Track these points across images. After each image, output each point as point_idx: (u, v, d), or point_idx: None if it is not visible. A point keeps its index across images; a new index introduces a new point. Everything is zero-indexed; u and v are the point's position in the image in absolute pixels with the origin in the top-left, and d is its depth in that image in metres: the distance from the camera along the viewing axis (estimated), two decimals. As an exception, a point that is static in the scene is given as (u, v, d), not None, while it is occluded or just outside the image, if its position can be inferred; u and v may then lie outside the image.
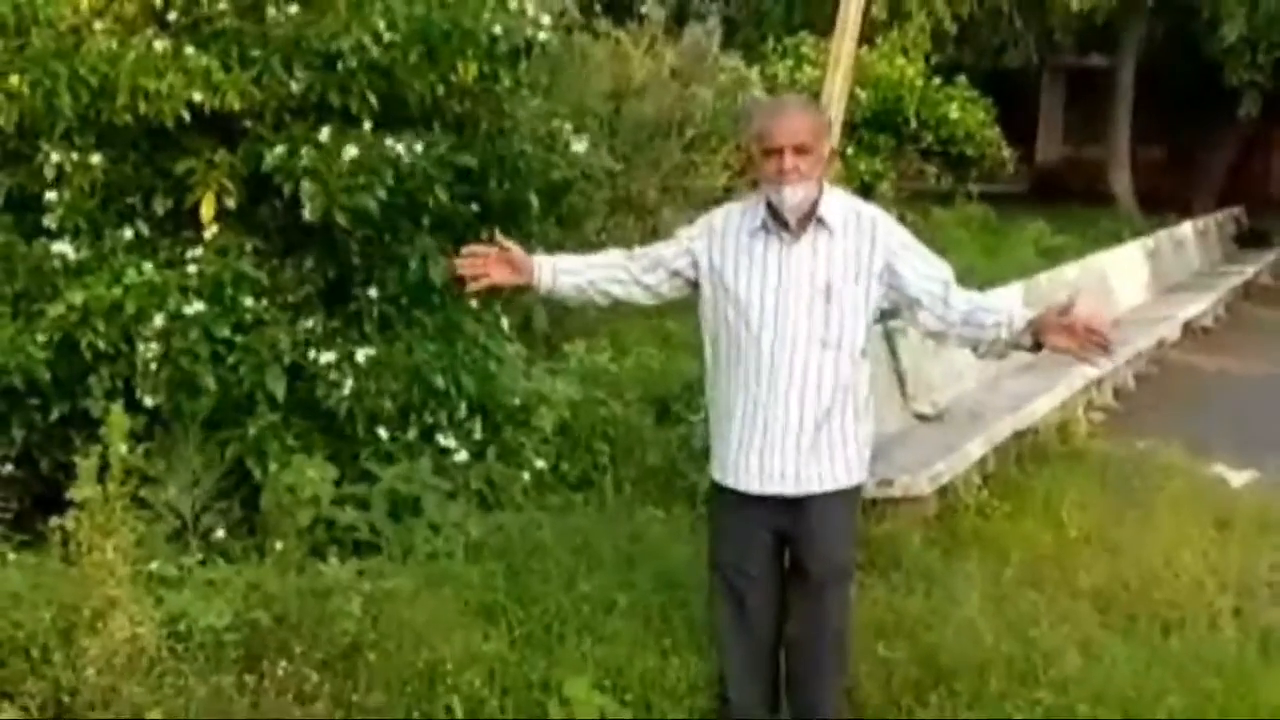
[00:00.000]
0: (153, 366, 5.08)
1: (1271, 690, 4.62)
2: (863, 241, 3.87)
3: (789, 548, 4.04)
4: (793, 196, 3.78)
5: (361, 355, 5.45)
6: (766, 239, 3.87)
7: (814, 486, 3.91)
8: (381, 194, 5.34)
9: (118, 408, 4.34)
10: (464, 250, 4.09)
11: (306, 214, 5.29)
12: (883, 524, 5.91)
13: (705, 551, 4.33)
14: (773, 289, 3.84)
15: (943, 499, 6.47)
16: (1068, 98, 27.23)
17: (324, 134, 5.39)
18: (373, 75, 5.47)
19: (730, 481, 3.98)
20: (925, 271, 3.92)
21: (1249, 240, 19.22)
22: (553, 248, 7.34)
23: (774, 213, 3.84)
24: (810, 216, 3.85)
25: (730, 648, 4.15)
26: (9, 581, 4.26)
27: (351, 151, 5.31)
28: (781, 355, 3.83)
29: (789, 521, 3.96)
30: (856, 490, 4.09)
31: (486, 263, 4.05)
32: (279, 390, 5.29)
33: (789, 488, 3.90)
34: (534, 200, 6.35)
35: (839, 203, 3.94)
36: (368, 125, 5.50)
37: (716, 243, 3.95)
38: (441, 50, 5.62)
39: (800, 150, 3.77)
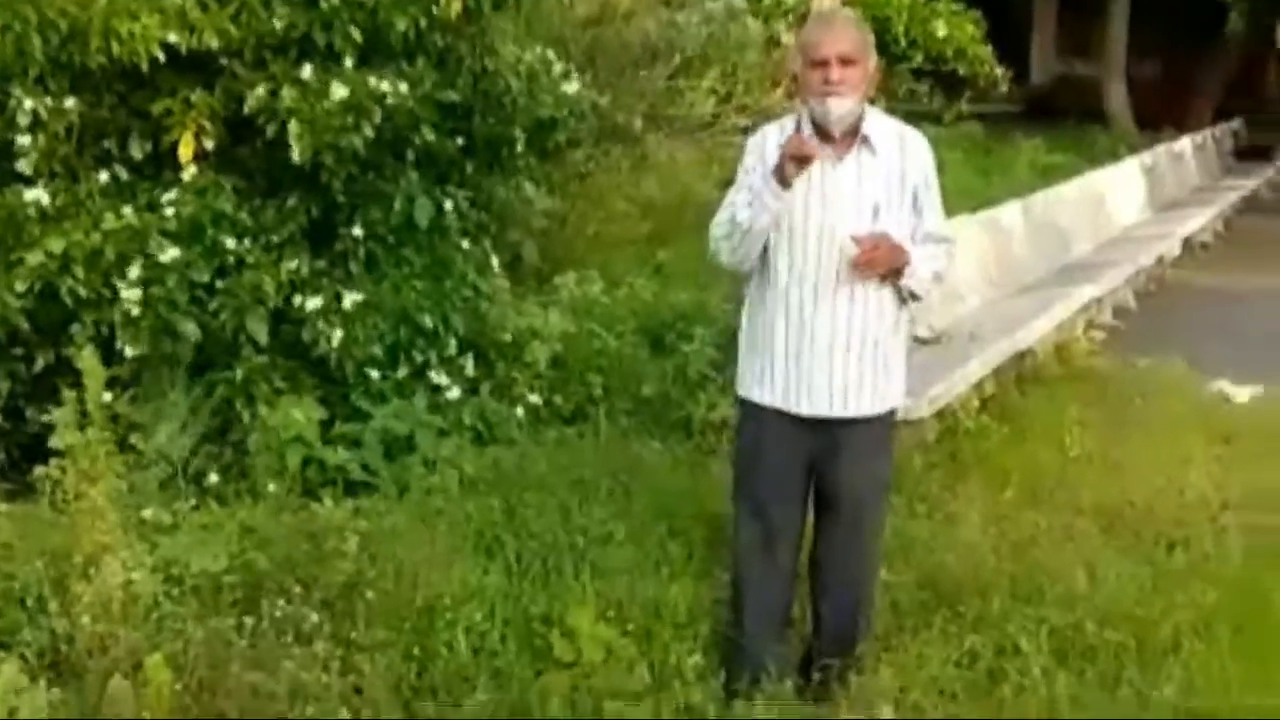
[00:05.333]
0: (133, 314, 5.01)
1: (1280, 601, 4.60)
2: (906, 163, 3.87)
3: (824, 474, 4.01)
4: (838, 108, 3.73)
5: (349, 301, 5.40)
6: None
7: (860, 409, 3.90)
8: (369, 133, 5.25)
9: (89, 352, 4.27)
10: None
11: (295, 156, 5.20)
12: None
13: (720, 479, 4.29)
14: (818, 207, 3.80)
15: (942, 422, 6.44)
16: (1060, 15, 26.98)
17: (306, 72, 5.30)
18: (355, 10, 5.36)
19: (774, 403, 3.94)
20: (933, 222, 3.95)
21: (1248, 154, 19.13)
22: (539, 180, 7.32)
23: (818, 128, 3.80)
24: (855, 134, 3.81)
25: (751, 574, 4.13)
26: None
27: (341, 92, 5.22)
28: (828, 273, 3.80)
29: (827, 445, 3.94)
30: (894, 414, 4.12)
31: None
32: (261, 334, 5.24)
33: (836, 409, 3.88)
34: (519, 136, 6.26)
35: (883, 122, 3.92)
36: (350, 62, 5.39)
37: (770, 165, 3.85)
38: (425, -16, 5.52)
39: (846, 62, 3.73)
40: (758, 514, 4.06)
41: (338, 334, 5.35)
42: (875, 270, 3.76)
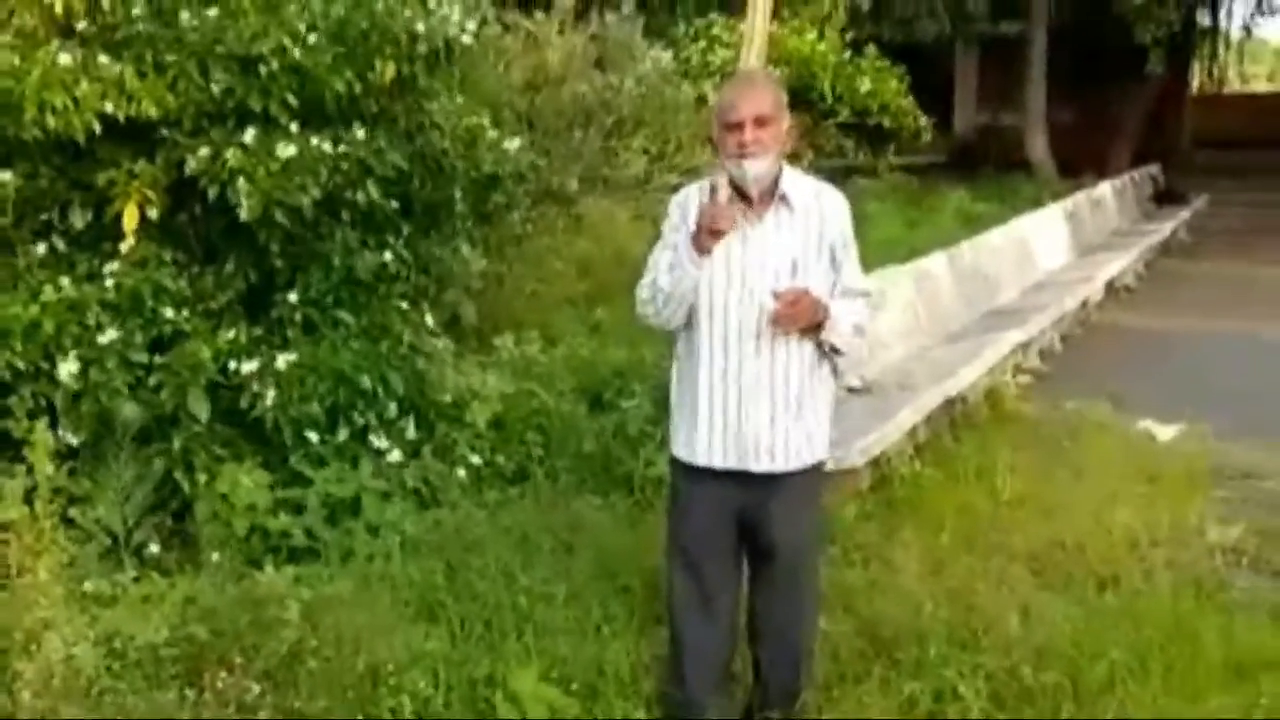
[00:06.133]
0: (74, 395, 5.00)
1: (1209, 637, 4.70)
2: (824, 219, 3.92)
3: (756, 530, 4.04)
4: (754, 168, 3.78)
5: (282, 362, 5.39)
6: None
7: (785, 464, 3.94)
8: (315, 192, 5.30)
9: (41, 427, 4.27)
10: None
11: (243, 214, 5.21)
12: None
13: (660, 534, 4.31)
14: (739, 266, 3.85)
15: (876, 470, 6.52)
16: (982, 67, 27.51)
17: (249, 136, 5.33)
18: (292, 76, 5.41)
19: (701, 460, 3.98)
20: (851, 277, 4.00)
21: (1166, 198, 19.51)
22: (476, 241, 7.38)
23: (736, 188, 3.84)
24: (773, 193, 3.88)
25: (689, 630, 4.14)
26: (-61, 609, 4.19)
27: (289, 150, 5.26)
28: (750, 331, 3.86)
29: (757, 500, 3.98)
30: (822, 466, 4.14)
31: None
32: (202, 411, 5.23)
33: (763, 464, 3.92)
34: (459, 197, 6.32)
35: (800, 181, 3.98)
36: (294, 127, 5.44)
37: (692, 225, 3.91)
38: (360, 49, 5.58)
39: (761, 123, 3.78)
40: (691, 569, 4.09)
41: (272, 393, 5.33)
42: (795, 325, 3.82)
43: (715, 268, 3.86)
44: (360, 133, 5.53)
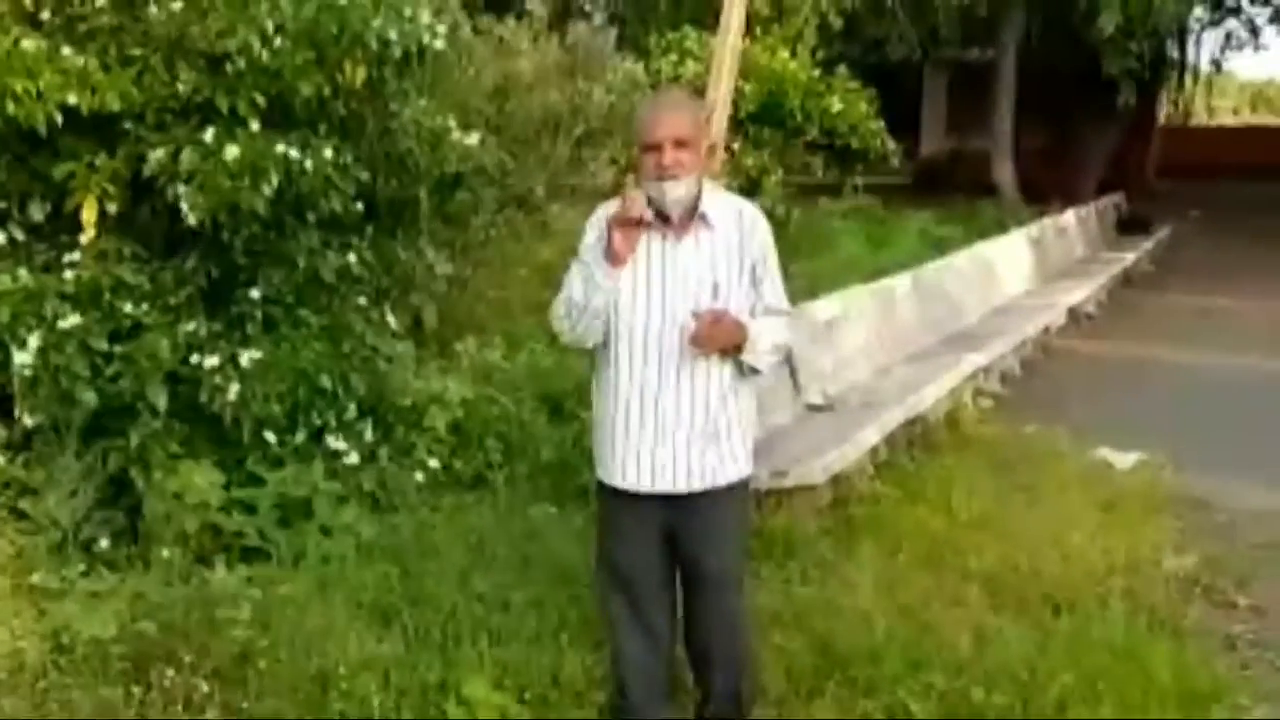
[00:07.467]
0: (31, 380, 4.93)
1: (1161, 667, 4.71)
2: (744, 238, 3.90)
3: (682, 547, 4.02)
4: (674, 191, 3.77)
5: (246, 358, 5.33)
6: (649, 236, 3.85)
7: (705, 483, 3.92)
8: (268, 192, 5.24)
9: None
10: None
11: (190, 220, 5.17)
12: (777, 514, 5.95)
13: (593, 549, 4.30)
14: (659, 286, 3.83)
15: (836, 488, 6.52)
16: (950, 90, 27.78)
17: (208, 135, 5.28)
18: (260, 76, 5.37)
19: (617, 481, 3.96)
20: (772, 296, 3.98)
21: (1130, 227, 19.68)
22: (441, 245, 7.35)
23: (656, 209, 3.82)
24: (693, 213, 3.85)
25: (625, 643, 4.13)
26: (-117, 600, 4.14)
27: (233, 151, 5.20)
28: (670, 352, 3.83)
29: (680, 519, 3.96)
30: (746, 484, 4.11)
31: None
32: (160, 400, 5.17)
33: (680, 485, 3.90)
34: (423, 197, 6.28)
35: (721, 199, 3.96)
36: (254, 126, 5.39)
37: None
38: (329, 53, 5.54)
39: (680, 145, 3.76)
40: (623, 587, 4.08)
41: (234, 388, 5.27)
42: (714, 346, 3.80)
43: (635, 288, 3.84)
44: (328, 150, 5.47)
